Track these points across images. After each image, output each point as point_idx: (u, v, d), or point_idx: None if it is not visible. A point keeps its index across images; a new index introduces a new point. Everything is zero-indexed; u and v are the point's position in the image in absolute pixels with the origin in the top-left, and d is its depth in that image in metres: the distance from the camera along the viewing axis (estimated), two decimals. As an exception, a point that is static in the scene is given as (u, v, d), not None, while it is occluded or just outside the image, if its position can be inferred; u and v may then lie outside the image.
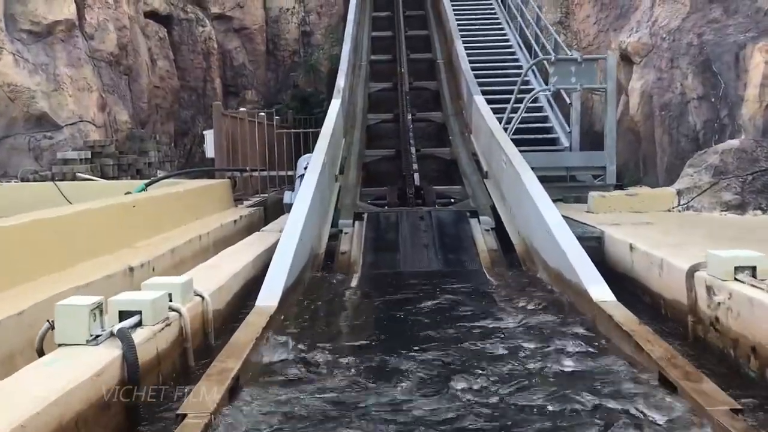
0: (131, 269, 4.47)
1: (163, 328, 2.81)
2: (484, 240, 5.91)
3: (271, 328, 3.29)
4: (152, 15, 14.63)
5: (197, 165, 14.19)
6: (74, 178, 9.20)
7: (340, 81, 9.89)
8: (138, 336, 2.63)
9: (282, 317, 3.59)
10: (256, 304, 3.57)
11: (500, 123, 7.90)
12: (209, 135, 9.59)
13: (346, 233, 6.19)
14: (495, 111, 8.17)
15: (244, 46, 16.99)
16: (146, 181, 8.53)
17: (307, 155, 7.34)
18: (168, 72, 14.62)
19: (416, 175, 7.55)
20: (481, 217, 6.43)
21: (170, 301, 3.04)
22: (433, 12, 15.26)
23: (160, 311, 2.83)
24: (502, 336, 3.52)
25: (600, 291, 3.61)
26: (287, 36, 17.44)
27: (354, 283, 4.87)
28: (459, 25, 13.05)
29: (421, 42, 14.02)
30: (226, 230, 7.09)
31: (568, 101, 9.20)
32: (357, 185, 7.65)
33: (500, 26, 14.38)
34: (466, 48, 11.49)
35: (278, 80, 17.35)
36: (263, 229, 6.57)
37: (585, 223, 5.64)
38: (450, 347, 3.33)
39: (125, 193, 7.60)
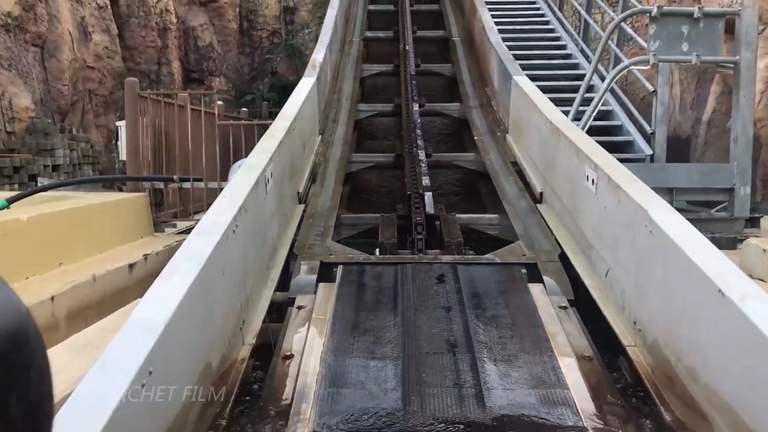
0: None
1: None
2: (564, 333, 3.15)
3: None
4: (89, -24, 11.93)
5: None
6: None
7: (318, 54, 7.19)
8: None
9: None
10: None
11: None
12: (124, 127, 6.85)
13: (300, 308, 3.44)
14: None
15: (211, 23, 14.27)
16: (13, 194, 5.78)
17: (244, 160, 4.58)
18: (108, 49, 11.90)
19: (428, 196, 4.79)
20: (546, 279, 3.70)
21: None
22: (446, -17, 12.57)
23: None
24: None
25: None
26: (265, 12, 14.72)
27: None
28: None
29: (430, 20, 11.34)
30: (104, 285, 4.36)
31: (650, 88, 6.46)
32: (333, 211, 4.91)
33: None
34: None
35: (253, 66, 14.63)
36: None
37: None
38: None
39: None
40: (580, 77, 8.75)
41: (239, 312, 3.01)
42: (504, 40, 8.12)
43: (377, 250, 4.32)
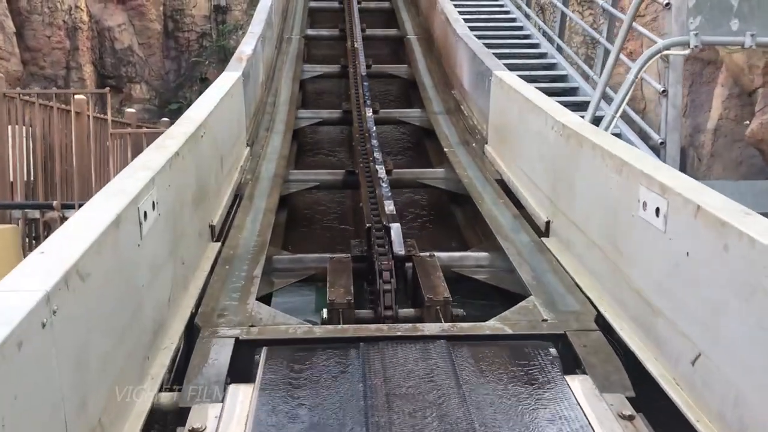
0: None
1: None
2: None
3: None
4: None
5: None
6: None
7: (246, 46, 5.83)
8: None
9: None
10: None
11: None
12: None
13: (195, 433, 2.05)
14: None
15: (131, 23, 12.69)
16: None
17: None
18: (2, 50, 10.24)
19: (395, 230, 3.44)
20: (587, 365, 2.42)
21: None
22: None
23: None
24: None
25: None
26: (193, 12, 13.22)
27: None
28: None
29: (380, 18, 10.15)
30: None
31: (659, 88, 5.32)
32: (262, 251, 3.52)
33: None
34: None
35: (180, 71, 13.11)
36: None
37: None
38: None
39: None
40: (559, 78, 7.64)
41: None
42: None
43: (324, 311, 2.96)
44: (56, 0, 11.43)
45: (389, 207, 3.79)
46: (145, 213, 2.33)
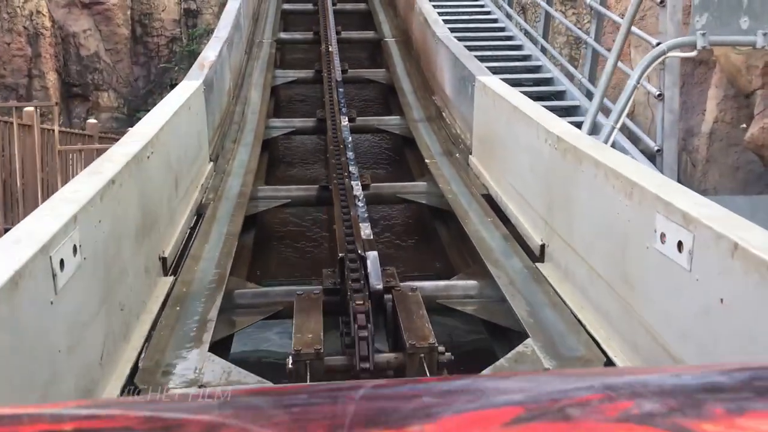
0: None
1: None
2: None
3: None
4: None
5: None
6: None
7: (210, 51, 5.43)
8: None
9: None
10: None
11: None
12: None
13: None
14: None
15: (97, 29, 12.18)
16: None
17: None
18: (-43, 58, 9.73)
19: (372, 259, 3.02)
20: None
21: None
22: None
23: None
24: None
25: None
26: (162, 15, 12.74)
27: None
28: None
29: (357, 20, 9.77)
30: None
31: (654, 91, 4.97)
32: (220, 286, 3.09)
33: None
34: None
35: (149, 78, 12.62)
36: None
37: None
38: None
39: None
40: (544, 82, 7.30)
41: None
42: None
43: (289, 361, 2.54)
44: (15, 5, 10.91)
45: (365, 231, 3.38)
46: (62, 261, 1.90)
